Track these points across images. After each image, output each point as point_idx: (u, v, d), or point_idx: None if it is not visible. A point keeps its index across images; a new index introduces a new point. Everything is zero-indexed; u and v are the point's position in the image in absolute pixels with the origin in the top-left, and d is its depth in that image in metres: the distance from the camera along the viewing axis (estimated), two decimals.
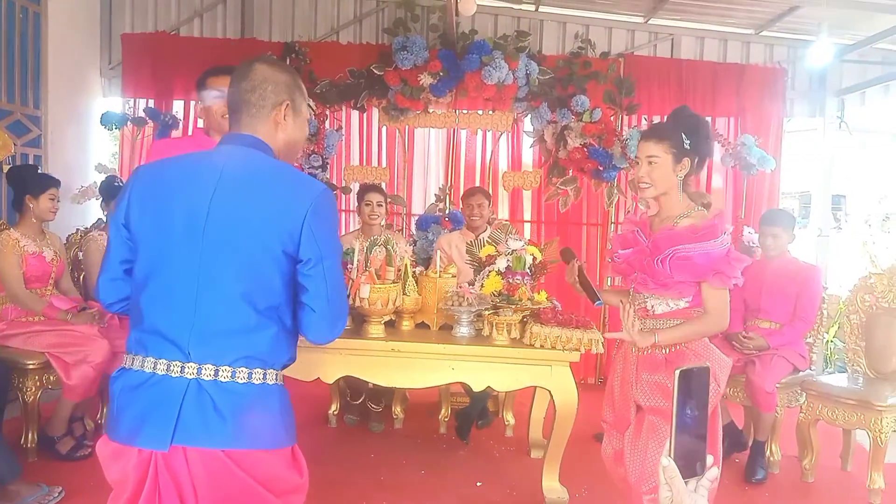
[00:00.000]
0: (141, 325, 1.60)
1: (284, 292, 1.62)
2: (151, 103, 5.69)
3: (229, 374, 1.55)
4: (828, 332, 6.04)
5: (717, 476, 1.11)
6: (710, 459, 1.10)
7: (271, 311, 1.60)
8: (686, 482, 1.08)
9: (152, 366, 1.56)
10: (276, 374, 1.64)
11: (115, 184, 4.56)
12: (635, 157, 2.65)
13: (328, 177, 5.66)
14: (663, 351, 2.50)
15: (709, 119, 5.76)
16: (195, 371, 1.54)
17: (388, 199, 4.86)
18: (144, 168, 1.73)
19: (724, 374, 2.50)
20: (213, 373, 1.54)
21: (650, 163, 2.46)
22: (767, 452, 4.03)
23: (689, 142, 2.43)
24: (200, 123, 5.85)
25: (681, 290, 2.43)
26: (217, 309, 1.56)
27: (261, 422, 1.58)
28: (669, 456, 1.08)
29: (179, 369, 1.54)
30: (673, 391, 1.07)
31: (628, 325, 2.42)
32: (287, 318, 1.64)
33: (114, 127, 5.52)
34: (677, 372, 1.06)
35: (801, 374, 4.10)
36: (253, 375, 1.58)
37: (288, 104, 1.73)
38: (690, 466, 1.08)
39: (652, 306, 2.50)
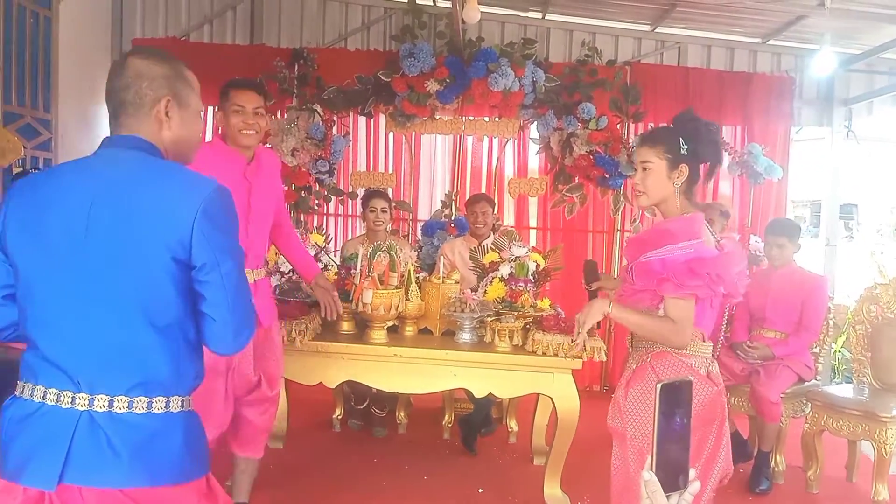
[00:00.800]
0: (31, 351, 1.47)
1: (183, 304, 1.48)
2: None
3: (126, 405, 1.41)
4: (835, 343, 6.02)
5: (699, 490, 1.10)
6: (692, 473, 1.09)
7: (171, 328, 1.46)
8: (668, 496, 1.08)
9: (42, 395, 1.42)
10: (182, 401, 1.50)
11: None
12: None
13: (335, 182, 5.68)
14: (632, 366, 2.35)
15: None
16: (87, 402, 1.40)
17: (393, 205, 4.87)
18: (21, 183, 1.56)
19: (695, 401, 2.20)
20: (107, 404, 1.41)
21: (644, 169, 2.31)
22: (772, 463, 4.02)
23: (686, 147, 2.26)
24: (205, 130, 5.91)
25: (642, 300, 2.25)
26: (107, 331, 1.42)
27: (163, 455, 1.44)
28: (651, 469, 1.07)
29: (70, 400, 1.41)
30: (654, 404, 1.06)
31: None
32: (190, 332, 1.51)
33: None
34: (659, 385, 1.06)
35: (806, 384, 4.09)
36: (153, 405, 1.44)
37: (169, 99, 1.55)
38: (672, 480, 1.07)
39: None
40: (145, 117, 1.54)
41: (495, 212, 4.84)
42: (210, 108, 5.79)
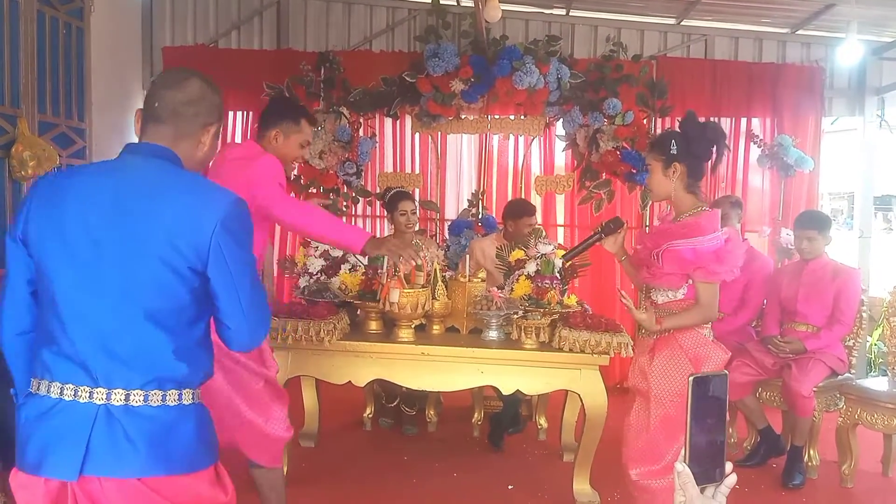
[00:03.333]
0: (47, 347, 1.51)
1: (196, 307, 1.54)
2: None
3: (141, 398, 1.47)
4: (871, 336, 5.91)
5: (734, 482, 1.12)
6: (729, 466, 1.10)
7: (182, 329, 1.53)
8: (704, 488, 1.09)
9: (59, 391, 1.47)
10: (193, 393, 1.56)
11: None
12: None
13: (362, 183, 5.73)
14: (653, 337, 2.72)
15: (744, 122, 5.71)
16: (104, 396, 1.45)
17: (419, 204, 4.90)
18: (44, 181, 1.61)
19: (712, 363, 2.62)
20: (123, 398, 1.46)
21: (648, 171, 2.75)
22: (805, 457, 3.97)
23: (676, 147, 2.60)
24: (233, 133, 5.96)
25: (671, 282, 2.64)
26: (123, 330, 1.48)
27: (177, 446, 1.50)
28: (684, 461, 1.08)
29: (88, 395, 1.46)
30: (687, 397, 1.07)
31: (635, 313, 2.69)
32: (201, 332, 1.58)
33: None
34: (691, 378, 1.07)
35: (839, 377, 4.03)
36: (167, 398, 1.49)
37: (217, 127, 1.68)
38: (708, 473, 1.09)
39: (656, 296, 2.73)
40: (190, 135, 1.63)
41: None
42: (238, 114, 5.93)
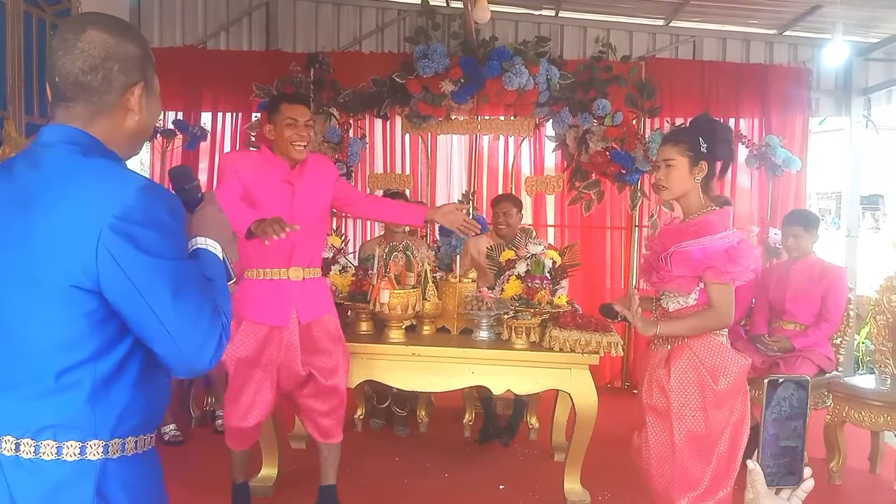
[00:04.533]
0: None
1: (100, 336, 1.22)
2: (180, 115, 5.83)
3: (32, 449, 1.20)
4: (858, 334, 5.96)
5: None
6: (807, 471, 1.11)
7: (84, 366, 1.21)
8: (779, 490, 1.10)
9: None
10: (106, 446, 1.23)
11: None
12: (655, 159, 2.72)
13: (353, 184, 5.72)
14: (667, 347, 2.56)
15: (732, 123, 5.74)
16: None
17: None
18: None
19: (731, 373, 2.46)
20: (13, 447, 1.20)
21: (668, 166, 2.53)
22: None
23: (706, 146, 2.48)
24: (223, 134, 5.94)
25: (680, 285, 2.48)
26: (13, 367, 1.22)
27: None
28: (756, 460, 1.10)
29: None
30: (762, 400, 1.09)
31: (633, 309, 2.48)
32: (110, 365, 1.23)
33: None
34: (766, 381, 1.09)
35: (827, 375, 4.06)
36: (64, 450, 1.20)
37: (143, 85, 1.31)
38: (785, 475, 1.10)
39: (667, 304, 2.56)
40: (109, 107, 1.28)
41: (521, 212, 4.77)
42: (227, 115, 5.93)
